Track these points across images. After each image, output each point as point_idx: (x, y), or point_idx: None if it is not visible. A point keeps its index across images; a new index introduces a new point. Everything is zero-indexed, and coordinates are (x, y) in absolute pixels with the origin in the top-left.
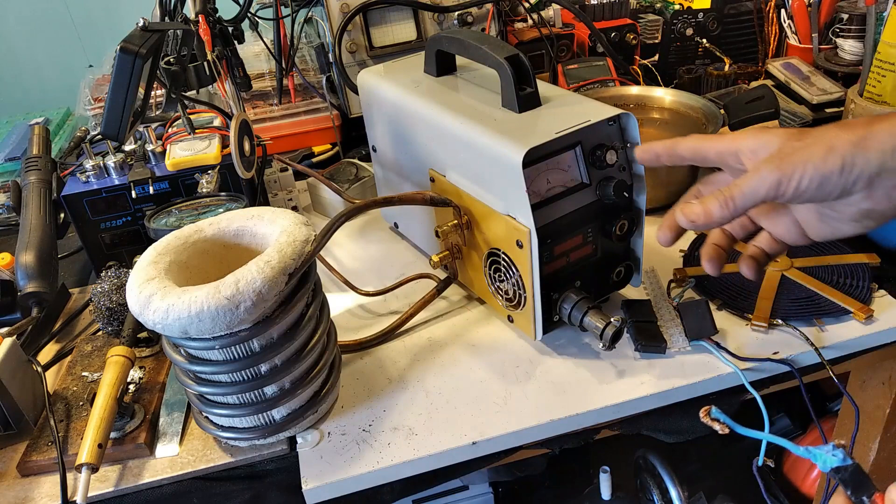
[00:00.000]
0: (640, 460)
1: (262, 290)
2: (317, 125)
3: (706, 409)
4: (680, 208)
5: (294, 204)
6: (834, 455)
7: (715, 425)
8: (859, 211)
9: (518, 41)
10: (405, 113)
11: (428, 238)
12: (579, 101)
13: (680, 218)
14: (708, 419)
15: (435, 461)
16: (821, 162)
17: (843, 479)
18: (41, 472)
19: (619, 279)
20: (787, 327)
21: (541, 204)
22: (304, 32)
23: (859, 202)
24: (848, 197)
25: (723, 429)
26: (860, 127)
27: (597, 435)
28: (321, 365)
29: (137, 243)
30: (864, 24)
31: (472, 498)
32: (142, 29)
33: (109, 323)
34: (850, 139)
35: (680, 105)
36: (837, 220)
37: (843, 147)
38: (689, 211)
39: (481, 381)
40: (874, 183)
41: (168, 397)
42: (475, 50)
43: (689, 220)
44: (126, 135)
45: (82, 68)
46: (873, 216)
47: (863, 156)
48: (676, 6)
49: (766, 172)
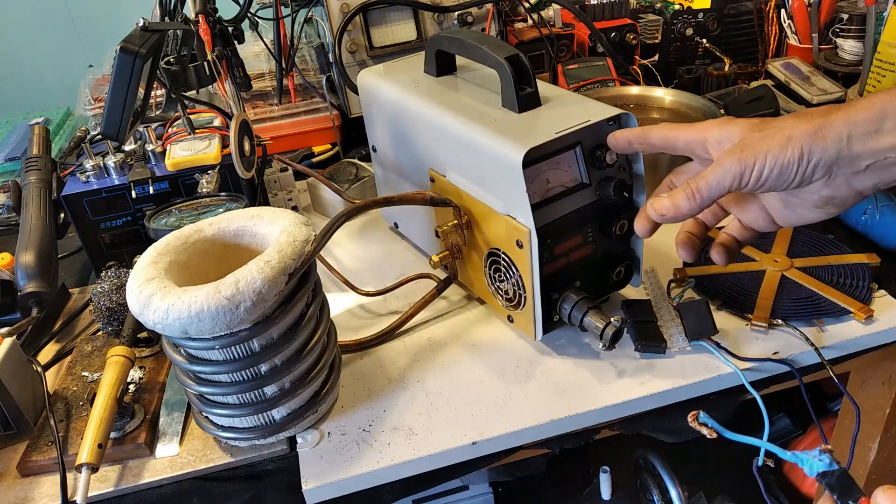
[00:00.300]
0: (640, 460)
1: (262, 290)
2: (317, 125)
3: (694, 414)
4: (650, 202)
5: (294, 204)
6: (820, 460)
7: (703, 430)
8: (821, 198)
9: (518, 41)
10: (405, 113)
11: (428, 238)
12: (579, 101)
13: (651, 212)
14: (696, 424)
15: (435, 461)
16: (780, 152)
17: (829, 484)
18: (41, 472)
19: (619, 279)
20: (787, 327)
21: (541, 204)
22: (304, 32)
23: (820, 189)
24: (808, 185)
25: (710, 433)
26: (817, 116)
27: (597, 435)
28: (321, 365)
29: (137, 243)
30: (864, 24)
31: (472, 498)
32: (142, 29)
33: (109, 323)
34: (807, 129)
35: (680, 105)
36: (801, 206)
37: (801, 137)
38: (659, 205)
39: (481, 381)
40: (832, 171)
41: (168, 397)
42: (475, 50)
43: (660, 213)
44: (126, 135)
45: (82, 68)
46: (835, 203)
47: (820, 144)
48: (676, 6)
49: (729, 164)
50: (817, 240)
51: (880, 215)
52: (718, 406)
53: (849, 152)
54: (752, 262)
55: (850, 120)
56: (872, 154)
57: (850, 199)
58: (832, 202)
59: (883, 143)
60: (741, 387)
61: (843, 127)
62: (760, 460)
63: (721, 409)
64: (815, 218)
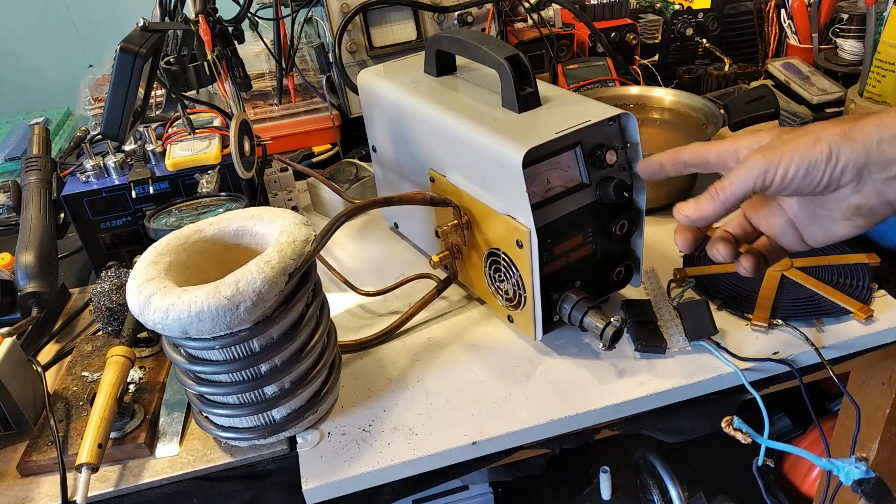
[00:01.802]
0: (640, 460)
1: (262, 290)
2: (317, 125)
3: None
4: (676, 206)
5: (294, 204)
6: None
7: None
8: (849, 206)
9: (518, 41)
10: (405, 113)
11: (428, 238)
12: (579, 101)
13: (677, 215)
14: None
15: (435, 461)
16: (808, 150)
17: (865, 492)
18: (41, 472)
19: (619, 279)
20: (787, 327)
21: (541, 204)
22: (304, 32)
23: (848, 196)
24: (837, 191)
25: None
26: (848, 121)
27: (597, 435)
28: (321, 365)
29: (137, 243)
30: (864, 24)
31: (472, 498)
32: (142, 29)
33: (109, 323)
34: (836, 131)
35: (680, 105)
36: (829, 219)
37: (830, 137)
38: (684, 206)
39: (481, 381)
40: (862, 175)
41: (168, 397)
42: (475, 50)
43: (684, 214)
44: (126, 135)
45: (82, 68)
46: (863, 212)
47: (849, 145)
48: (676, 6)
49: (753, 162)
50: None
51: None
52: (718, 406)
53: (879, 156)
54: None
55: (881, 123)
56: None
57: (880, 209)
58: (861, 212)
59: None
60: (741, 387)
61: (874, 129)
62: (760, 460)
63: (721, 410)
64: (845, 233)
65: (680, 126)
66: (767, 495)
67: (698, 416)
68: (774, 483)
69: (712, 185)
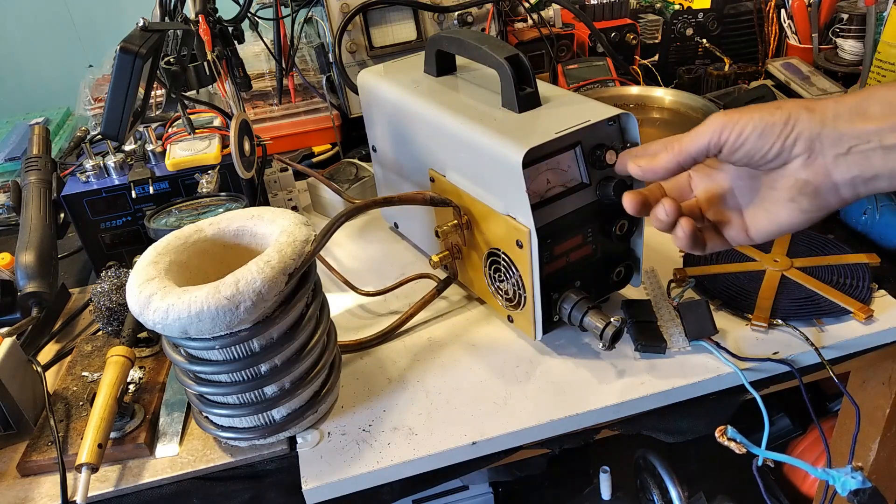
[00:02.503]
0: (640, 460)
1: (262, 290)
2: (317, 125)
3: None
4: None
5: (294, 204)
6: (853, 477)
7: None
8: (796, 182)
9: (518, 41)
10: (405, 113)
11: (428, 238)
12: (579, 101)
13: (630, 164)
14: (724, 439)
15: (435, 461)
16: (767, 114)
17: (861, 502)
18: (41, 472)
19: (619, 279)
20: (787, 327)
21: (541, 204)
22: (304, 32)
23: (797, 171)
24: (786, 165)
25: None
26: (814, 99)
27: (597, 435)
28: (321, 365)
29: (137, 243)
30: (864, 24)
31: (472, 498)
32: (142, 29)
33: (109, 323)
34: (799, 103)
35: (680, 105)
36: (774, 201)
37: (791, 107)
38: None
39: (481, 381)
40: (814, 148)
41: (168, 397)
42: (475, 50)
43: (637, 164)
44: (126, 135)
45: (82, 68)
46: (808, 191)
47: (807, 115)
48: (676, 6)
49: (713, 119)
50: (817, 240)
51: (880, 215)
52: (718, 405)
53: (833, 129)
54: (751, 262)
55: (840, 101)
56: (856, 136)
57: (825, 191)
58: (806, 190)
59: (867, 125)
60: (741, 387)
61: (833, 105)
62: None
63: (721, 410)
64: (788, 219)
65: (680, 126)
66: (767, 495)
67: (698, 416)
68: (774, 483)
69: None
